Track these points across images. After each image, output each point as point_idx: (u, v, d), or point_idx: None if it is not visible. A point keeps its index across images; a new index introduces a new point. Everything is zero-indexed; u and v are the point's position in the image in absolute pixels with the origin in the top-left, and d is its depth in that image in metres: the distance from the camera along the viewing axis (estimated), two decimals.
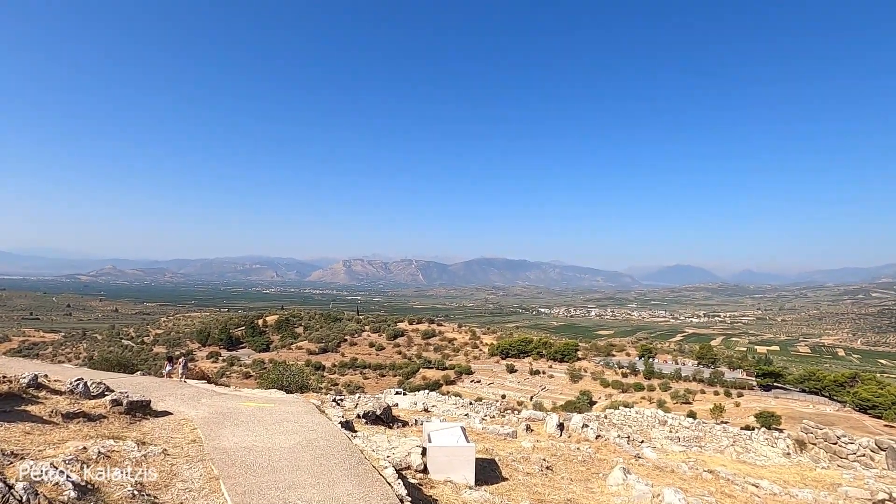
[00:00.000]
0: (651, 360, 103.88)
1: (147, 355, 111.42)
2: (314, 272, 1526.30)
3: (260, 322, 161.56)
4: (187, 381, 27.27)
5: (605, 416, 41.09)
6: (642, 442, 25.29)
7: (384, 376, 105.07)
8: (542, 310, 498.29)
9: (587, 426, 13.09)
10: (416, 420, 14.01)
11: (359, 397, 33.12)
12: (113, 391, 8.80)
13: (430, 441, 8.43)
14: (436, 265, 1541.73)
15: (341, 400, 23.32)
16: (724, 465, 18.83)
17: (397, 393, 39.60)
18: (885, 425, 58.33)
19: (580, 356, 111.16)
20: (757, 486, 13.97)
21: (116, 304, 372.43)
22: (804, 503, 11.78)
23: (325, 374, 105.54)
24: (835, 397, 73.56)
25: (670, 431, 37.92)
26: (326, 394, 46.82)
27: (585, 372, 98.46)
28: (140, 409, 8.24)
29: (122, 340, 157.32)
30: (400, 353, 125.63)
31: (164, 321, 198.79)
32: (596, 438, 12.58)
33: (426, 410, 24.02)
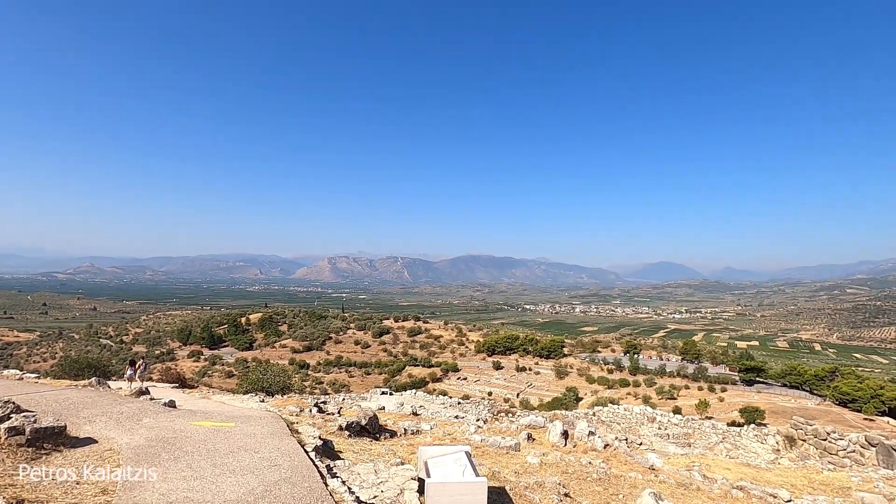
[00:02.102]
0: (636, 356, 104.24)
1: (126, 355, 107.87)
2: (299, 270, 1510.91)
3: (243, 320, 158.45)
4: (156, 384, 25.43)
5: (594, 414, 40.33)
6: (641, 444, 24.39)
7: (370, 374, 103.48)
8: (528, 306, 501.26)
9: (593, 434, 11.96)
10: (405, 429, 12.67)
11: (343, 399, 31.62)
12: (23, 412, 6.66)
13: (428, 474, 6.67)
14: (421, 263, 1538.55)
15: (324, 403, 21.79)
16: (729, 468, 17.96)
17: (383, 393, 38.12)
18: (865, 419, 59.16)
19: (566, 353, 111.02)
20: (775, 497, 13.06)
21: (95, 302, 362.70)
22: None
23: (309, 372, 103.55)
24: (815, 391, 74.50)
25: (659, 428, 37.34)
26: (310, 394, 45.00)
27: (571, 368, 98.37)
28: (50, 438, 6.16)
29: (101, 340, 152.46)
30: (386, 350, 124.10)
31: (145, 320, 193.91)
32: (604, 448, 11.45)
33: (415, 414, 22.64)
